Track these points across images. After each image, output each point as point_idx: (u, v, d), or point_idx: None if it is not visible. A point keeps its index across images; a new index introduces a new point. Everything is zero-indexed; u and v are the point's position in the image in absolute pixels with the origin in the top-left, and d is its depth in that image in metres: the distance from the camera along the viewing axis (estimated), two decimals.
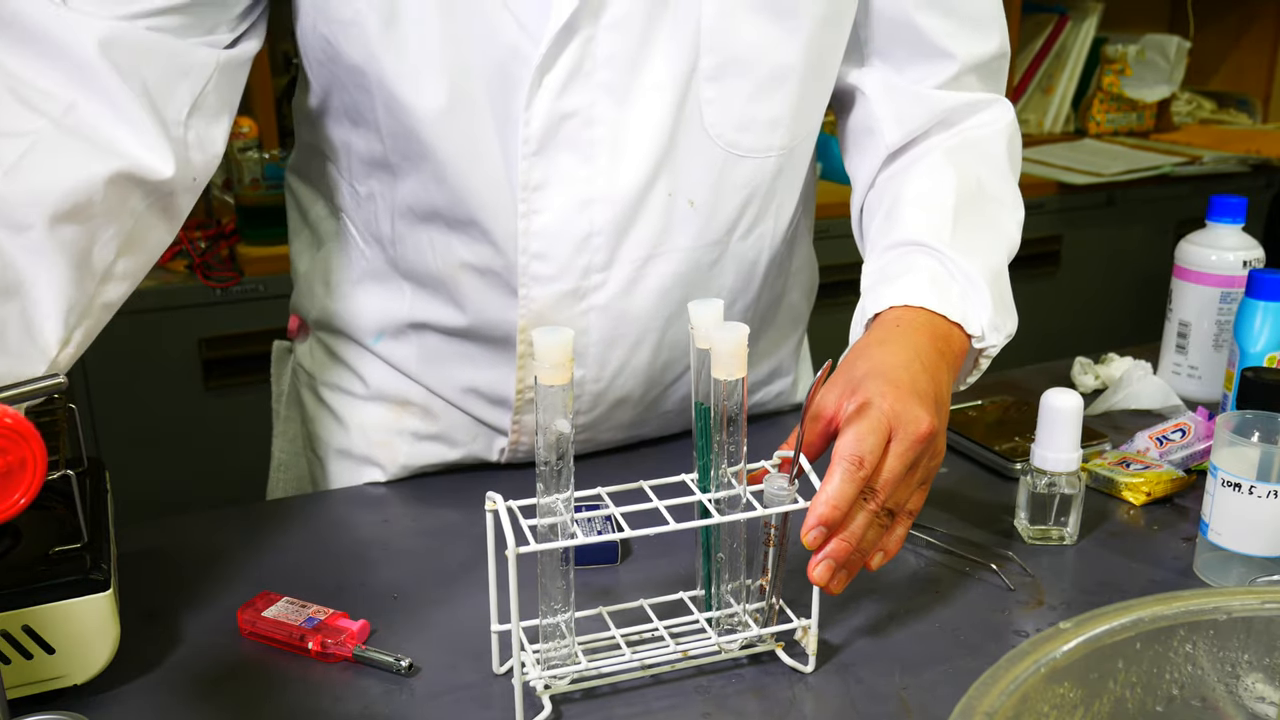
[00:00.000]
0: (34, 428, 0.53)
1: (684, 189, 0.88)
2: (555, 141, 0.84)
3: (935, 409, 0.75)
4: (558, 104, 0.83)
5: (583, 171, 0.85)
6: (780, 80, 0.88)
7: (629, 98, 0.85)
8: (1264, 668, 0.58)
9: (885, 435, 0.72)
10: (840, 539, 0.71)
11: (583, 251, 0.88)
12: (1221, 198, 1.13)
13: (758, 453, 0.74)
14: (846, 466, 0.70)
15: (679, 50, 0.84)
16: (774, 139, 0.90)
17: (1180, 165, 2.61)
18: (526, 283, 0.88)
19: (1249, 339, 1.01)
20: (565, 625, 0.70)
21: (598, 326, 0.91)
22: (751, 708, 0.70)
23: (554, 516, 0.67)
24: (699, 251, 0.92)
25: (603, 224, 0.87)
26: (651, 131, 0.86)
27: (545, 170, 0.85)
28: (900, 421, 0.73)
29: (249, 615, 0.77)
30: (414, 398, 1.00)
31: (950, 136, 0.95)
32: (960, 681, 0.69)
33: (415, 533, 0.92)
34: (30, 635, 0.68)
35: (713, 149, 0.88)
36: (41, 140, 0.73)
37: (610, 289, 0.90)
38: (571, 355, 0.64)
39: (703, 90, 0.86)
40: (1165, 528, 0.92)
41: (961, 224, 0.87)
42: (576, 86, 0.83)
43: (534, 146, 0.84)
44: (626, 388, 0.96)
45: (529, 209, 0.86)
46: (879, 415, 0.72)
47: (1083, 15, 2.86)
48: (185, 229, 2.00)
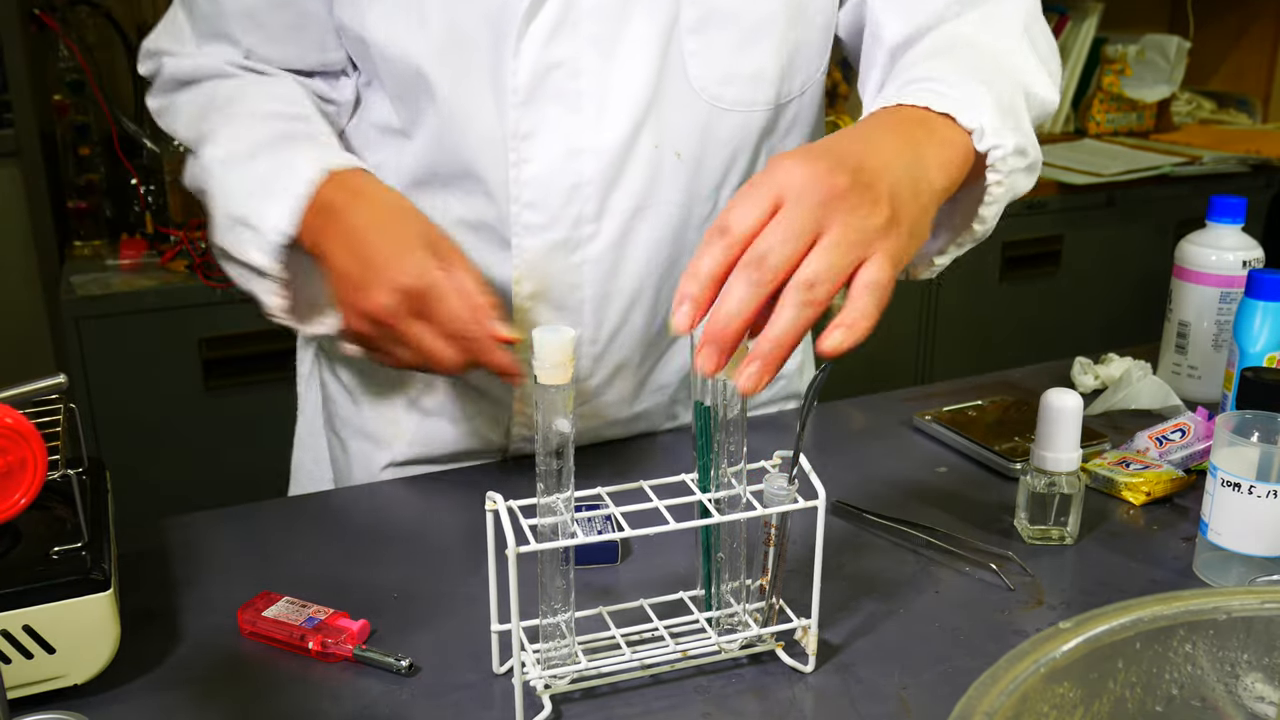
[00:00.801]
0: (34, 428, 0.53)
1: (670, 141, 0.91)
2: (543, 91, 0.87)
3: (848, 170, 0.64)
4: (544, 54, 0.86)
5: (570, 122, 0.88)
6: (762, 32, 0.89)
7: (614, 50, 0.87)
8: (1263, 667, 0.58)
9: (766, 203, 0.63)
10: (714, 317, 0.62)
11: (572, 201, 0.90)
12: (1221, 198, 1.13)
13: (758, 453, 0.74)
14: (708, 236, 0.63)
15: (661, 3, 0.87)
16: (758, 94, 0.92)
17: (1180, 165, 2.61)
18: (519, 232, 0.91)
19: (1249, 339, 1.01)
20: (565, 625, 0.70)
21: (591, 280, 0.94)
22: (751, 708, 0.70)
23: (554, 516, 0.67)
24: (687, 207, 0.94)
25: (591, 174, 0.90)
26: (636, 83, 0.88)
27: (534, 120, 0.88)
28: (788, 183, 0.63)
29: (249, 615, 0.77)
30: (418, 377, 1.01)
31: (959, 25, 0.87)
32: (960, 681, 0.69)
33: (416, 533, 0.92)
34: (30, 635, 0.68)
35: (697, 102, 0.90)
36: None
37: (602, 241, 0.92)
38: (572, 355, 0.64)
39: (685, 43, 0.88)
40: (1165, 528, 0.92)
41: (966, 65, 0.80)
42: (563, 37, 0.86)
43: (522, 96, 0.87)
44: (624, 351, 0.98)
45: (519, 158, 0.89)
46: (758, 182, 0.64)
47: (1083, 15, 2.86)
48: (185, 229, 2.00)
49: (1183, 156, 2.68)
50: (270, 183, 0.86)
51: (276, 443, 2.04)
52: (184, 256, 1.98)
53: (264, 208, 0.85)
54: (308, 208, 0.84)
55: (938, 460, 1.04)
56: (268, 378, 1.95)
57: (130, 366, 1.91)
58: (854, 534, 0.90)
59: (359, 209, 0.84)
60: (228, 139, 0.91)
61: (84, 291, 1.89)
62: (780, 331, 0.62)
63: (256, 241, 0.86)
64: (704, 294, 0.63)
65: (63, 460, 0.75)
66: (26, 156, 2.00)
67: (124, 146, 2.09)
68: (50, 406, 0.82)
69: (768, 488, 0.71)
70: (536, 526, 0.67)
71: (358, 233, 0.83)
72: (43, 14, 2.02)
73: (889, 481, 0.99)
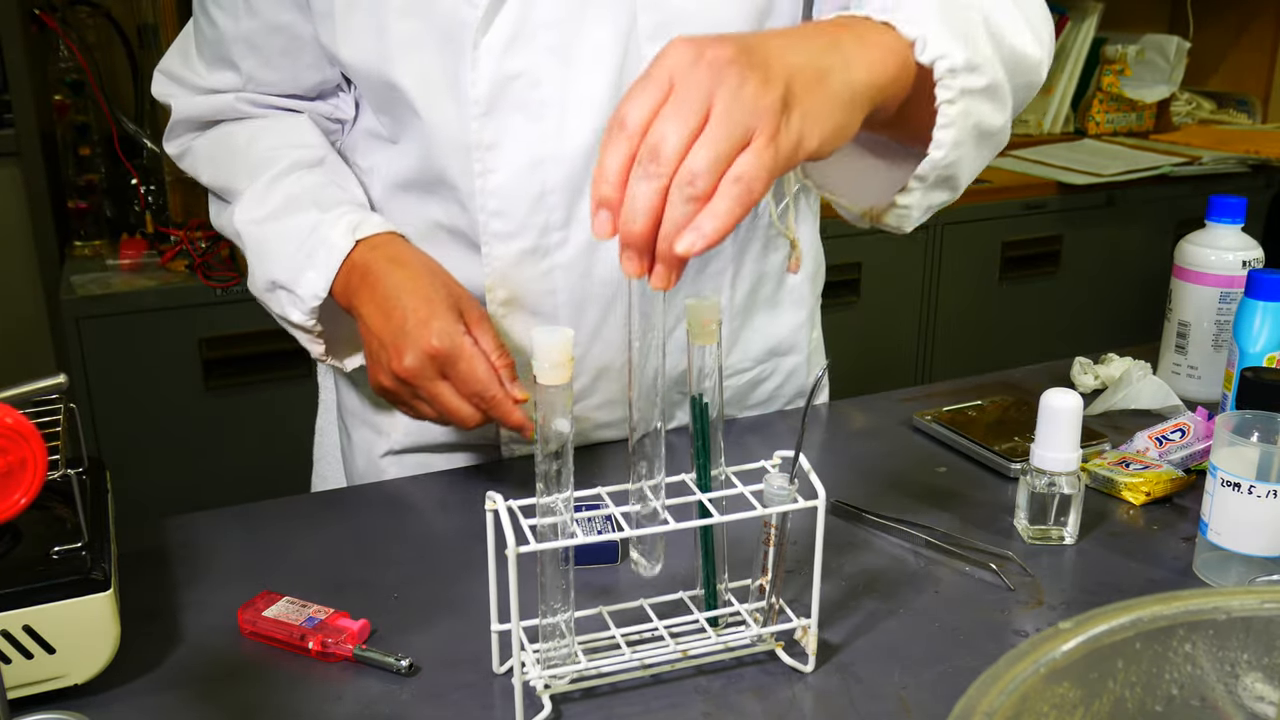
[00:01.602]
0: (34, 428, 0.53)
1: None
2: (504, 102, 0.89)
3: (739, 46, 0.60)
4: (502, 66, 0.88)
5: (533, 131, 0.90)
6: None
7: (572, 59, 0.88)
8: (1263, 667, 0.58)
9: (660, 89, 0.60)
10: (623, 221, 0.59)
11: (539, 210, 0.92)
12: (1221, 198, 1.13)
13: (758, 453, 0.74)
14: (608, 130, 0.60)
15: (617, 11, 0.88)
16: None
17: (1180, 165, 2.61)
18: (488, 240, 0.94)
19: (1248, 339, 1.01)
20: (565, 625, 0.70)
21: (564, 286, 0.95)
22: (751, 708, 0.70)
23: (554, 516, 0.67)
24: None
25: (556, 183, 0.91)
26: (598, 92, 0.89)
27: (496, 130, 0.90)
28: (678, 63, 0.60)
29: (249, 615, 0.77)
30: None
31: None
32: (960, 681, 0.69)
33: (415, 533, 0.92)
34: (30, 635, 0.68)
35: None
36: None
37: (571, 248, 0.94)
38: (571, 355, 0.64)
39: (644, 49, 0.89)
40: (1165, 528, 0.92)
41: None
42: (519, 48, 0.88)
43: (483, 107, 0.89)
44: (606, 354, 0.99)
45: (484, 168, 0.91)
46: (653, 68, 0.60)
47: (1082, 15, 2.86)
48: (185, 229, 2.00)
49: (1182, 156, 2.68)
50: (305, 252, 0.92)
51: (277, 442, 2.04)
52: (184, 256, 1.98)
53: (301, 276, 0.92)
54: (340, 271, 0.91)
55: (938, 460, 1.04)
56: (268, 378, 1.95)
57: (130, 366, 1.91)
58: (854, 534, 0.90)
59: (391, 273, 0.89)
60: (255, 202, 0.97)
61: (84, 291, 1.89)
62: (669, 230, 0.59)
63: (295, 304, 0.93)
64: (616, 194, 0.59)
65: (63, 460, 0.75)
66: (26, 156, 2.00)
67: (124, 146, 2.09)
68: (50, 406, 0.82)
69: (767, 488, 0.71)
70: (536, 526, 0.67)
71: (390, 296, 0.88)
72: (43, 14, 2.02)
73: (889, 481, 0.99)
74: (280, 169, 0.98)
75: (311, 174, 0.99)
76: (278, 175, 0.97)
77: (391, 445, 1.06)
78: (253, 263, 0.96)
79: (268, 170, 0.98)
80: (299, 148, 1.00)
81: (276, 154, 0.99)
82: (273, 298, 0.96)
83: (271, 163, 0.98)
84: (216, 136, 1.04)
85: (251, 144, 1.00)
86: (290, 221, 0.95)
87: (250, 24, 0.97)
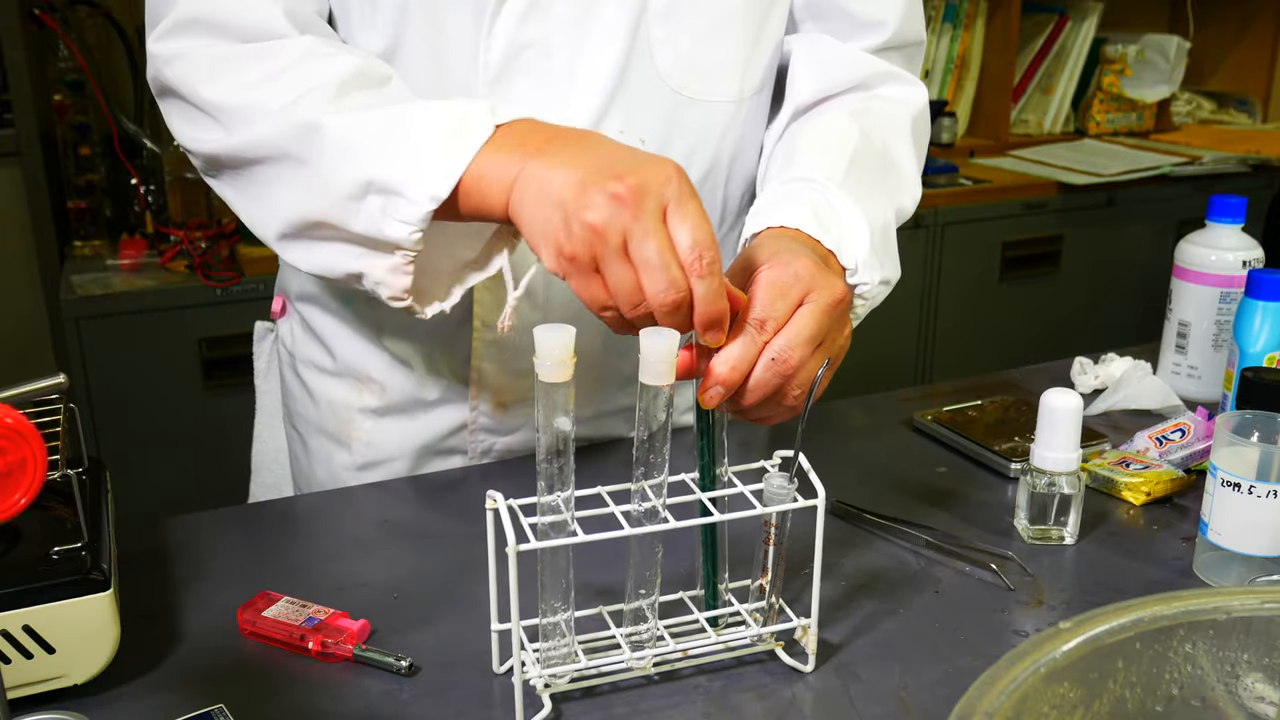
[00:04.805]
0: (34, 428, 0.53)
1: (636, 127, 0.92)
2: (513, 69, 0.88)
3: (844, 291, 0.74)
4: (518, 33, 0.88)
5: (538, 98, 0.89)
6: (725, 23, 0.92)
7: (585, 32, 0.89)
8: (1263, 668, 0.58)
9: (796, 299, 0.72)
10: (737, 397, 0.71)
11: None
12: (1221, 198, 1.13)
13: (758, 453, 0.74)
14: (751, 330, 0.70)
15: None
16: (721, 85, 0.94)
17: (1180, 165, 2.61)
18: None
19: (1248, 339, 1.01)
20: (565, 624, 0.70)
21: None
22: (751, 708, 0.70)
23: (554, 515, 0.67)
24: None
25: None
26: (605, 68, 0.90)
27: (502, 98, 0.89)
28: (815, 284, 0.72)
29: (249, 615, 0.77)
30: (375, 373, 1.01)
31: (862, 99, 0.96)
32: (960, 681, 0.69)
33: (415, 532, 0.92)
34: (30, 635, 0.68)
35: (663, 89, 0.92)
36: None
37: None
38: (573, 353, 0.64)
39: (653, 30, 0.90)
40: (1165, 528, 0.92)
41: (855, 173, 0.87)
42: (536, 17, 0.88)
43: (493, 74, 0.88)
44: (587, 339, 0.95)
45: None
46: (792, 277, 0.72)
47: (1082, 15, 2.86)
48: (185, 229, 2.00)
49: (1183, 156, 2.68)
50: (437, 135, 0.74)
51: None
52: (184, 256, 1.98)
53: (421, 167, 0.73)
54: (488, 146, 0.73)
55: (938, 460, 1.04)
56: None
57: (130, 366, 1.91)
58: (854, 534, 0.90)
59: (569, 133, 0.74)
60: (325, 99, 0.77)
61: (84, 291, 1.89)
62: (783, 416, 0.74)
63: (402, 209, 0.74)
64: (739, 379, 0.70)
65: (63, 460, 0.75)
66: (26, 156, 2.00)
67: (124, 146, 2.09)
68: (50, 406, 0.82)
69: (767, 487, 0.71)
70: (537, 525, 0.67)
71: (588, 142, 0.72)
72: (42, 14, 2.02)
73: (889, 481, 0.99)
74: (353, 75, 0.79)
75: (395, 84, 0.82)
76: (351, 79, 0.79)
77: (354, 460, 1.03)
78: (330, 164, 0.76)
79: (334, 77, 0.78)
80: (370, 60, 0.82)
81: (338, 63, 0.80)
82: (358, 208, 0.75)
83: (338, 70, 0.79)
84: (247, 50, 0.82)
85: (305, 58, 0.80)
86: (391, 110, 0.77)
87: None
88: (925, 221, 2.40)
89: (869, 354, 2.43)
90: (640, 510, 0.69)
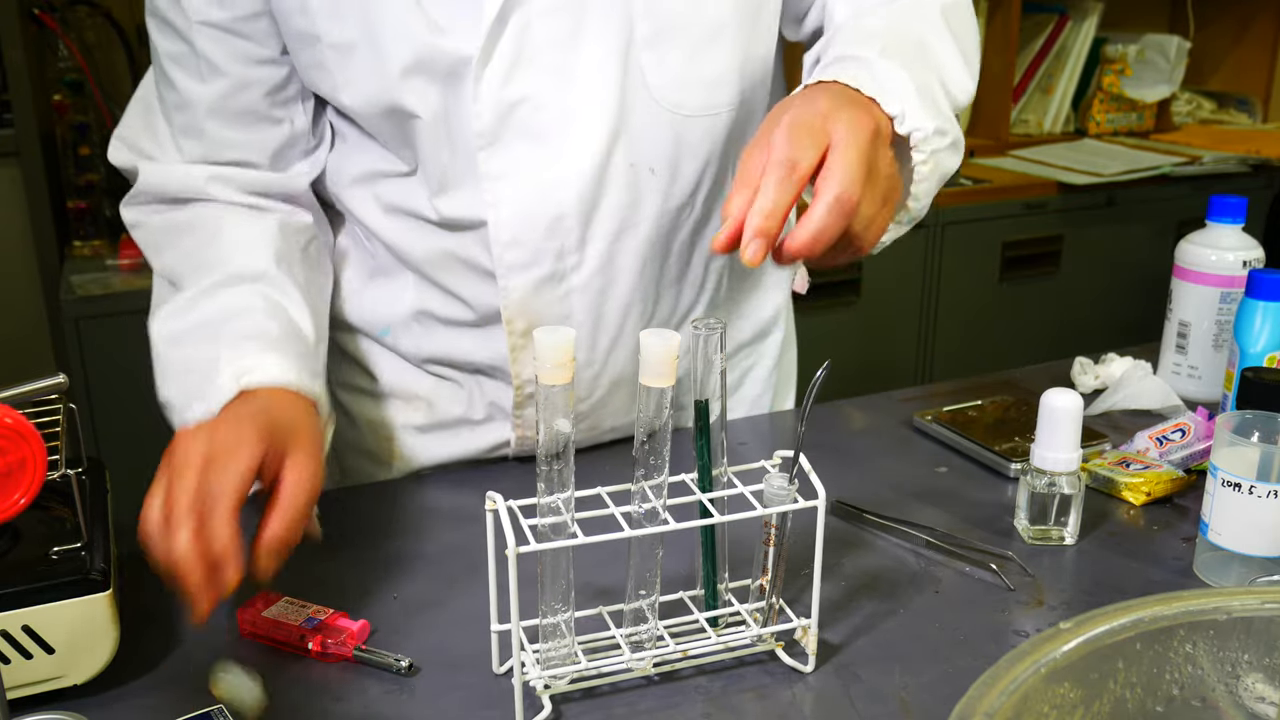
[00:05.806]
0: (34, 428, 0.53)
1: (643, 158, 0.91)
2: (508, 130, 0.88)
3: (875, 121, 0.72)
4: (504, 93, 0.86)
5: (539, 156, 0.88)
6: (716, 36, 0.90)
7: (573, 77, 0.87)
8: (1264, 668, 0.58)
9: (826, 138, 0.69)
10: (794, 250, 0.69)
11: (554, 235, 0.90)
12: (1221, 198, 1.13)
13: (758, 453, 0.74)
14: (780, 173, 0.68)
15: (614, 23, 0.87)
16: (720, 96, 0.92)
17: (1180, 165, 2.61)
18: (504, 272, 0.91)
19: (1249, 339, 1.01)
20: (565, 625, 0.70)
21: (581, 308, 0.94)
22: (751, 708, 0.70)
23: (554, 516, 0.67)
24: (667, 217, 0.94)
25: (569, 205, 0.90)
26: (601, 106, 0.88)
27: (503, 160, 0.88)
28: (842, 115, 0.70)
29: (249, 615, 0.77)
30: (421, 391, 1.02)
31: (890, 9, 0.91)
32: (960, 681, 0.69)
33: (416, 532, 0.92)
34: (30, 635, 0.68)
35: (662, 113, 0.91)
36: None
37: (587, 268, 0.92)
38: (573, 355, 0.64)
39: (643, 57, 0.89)
40: (1165, 528, 0.92)
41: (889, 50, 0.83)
42: (520, 74, 0.86)
43: (489, 138, 0.88)
44: (619, 366, 0.98)
45: (494, 199, 0.89)
46: (816, 114, 0.70)
47: (1083, 15, 2.86)
48: None
49: (1183, 156, 2.68)
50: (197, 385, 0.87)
51: None
52: None
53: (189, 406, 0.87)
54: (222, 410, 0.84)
55: (938, 460, 1.04)
56: None
57: (130, 366, 1.90)
58: (854, 534, 0.90)
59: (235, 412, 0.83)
60: (176, 314, 0.91)
61: (84, 291, 1.89)
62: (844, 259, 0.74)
63: (177, 420, 0.90)
64: (778, 227, 0.67)
65: (63, 460, 0.75)
66: (26, 156, 2.00)
67: None
68: (50, 406, 0.82)
69: (767, 488, 0.71)
70: (537, 526, 0.67)
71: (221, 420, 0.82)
72: (42, 14, 2.02)
73: (889, 481, 0.99)
74: (217, 279, 0.90)
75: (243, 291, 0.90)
76: (211, 286, 0.90)
77: (393, 475, 1.04)
78: (156, 375, 0.93)
79: (208, 276, 0.91)
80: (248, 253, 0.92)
81: (222, 258, 0.92)
82: (164, 409, 0.93)
83: (213, 269, 0.91)
84: (178, 223, 0.95)
85: (206, 246, 0.93)
86: (194, 351, 0.89)
87: (216, 86, 0.91)
88: (925, 221, 2.39)
89: (869, 354, 2.44)
90: (640, 511, 0.69)
